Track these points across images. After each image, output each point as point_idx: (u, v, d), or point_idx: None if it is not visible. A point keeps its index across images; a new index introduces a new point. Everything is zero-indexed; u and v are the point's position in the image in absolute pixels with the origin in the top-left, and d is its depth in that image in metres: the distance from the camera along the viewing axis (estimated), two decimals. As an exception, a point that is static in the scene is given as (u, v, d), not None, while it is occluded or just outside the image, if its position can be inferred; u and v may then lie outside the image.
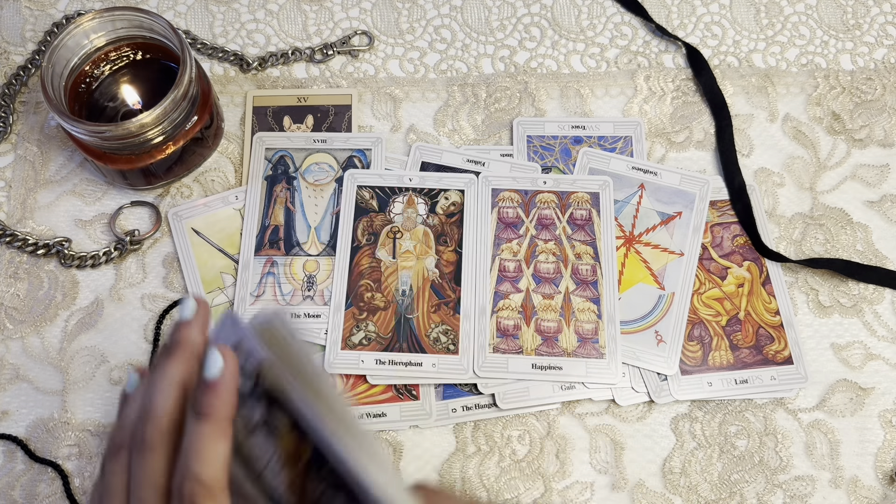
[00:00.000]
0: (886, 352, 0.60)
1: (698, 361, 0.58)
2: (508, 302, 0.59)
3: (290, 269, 0.60)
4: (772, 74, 0.69)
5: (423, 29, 0.70)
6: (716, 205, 0.64)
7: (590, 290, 0.60)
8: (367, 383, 0.57)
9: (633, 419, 0.58)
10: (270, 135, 0.64)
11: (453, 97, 0.67)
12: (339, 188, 0.63)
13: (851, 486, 0.57)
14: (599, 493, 0.56)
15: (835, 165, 0.66)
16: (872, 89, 0.68)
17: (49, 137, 0.64)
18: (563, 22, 0.71)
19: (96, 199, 0.63)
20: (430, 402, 0.57)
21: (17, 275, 0.60)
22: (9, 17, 0.69)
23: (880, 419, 0.58)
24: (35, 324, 0.59)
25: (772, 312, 0.60)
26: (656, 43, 0.70)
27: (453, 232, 0.61)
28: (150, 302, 0.60)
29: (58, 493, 0.55)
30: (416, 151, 0.64)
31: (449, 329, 0.58)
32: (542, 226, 0.62)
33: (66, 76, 0.58)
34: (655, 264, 0.61)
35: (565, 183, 0.63)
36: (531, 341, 0.58)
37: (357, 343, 0.58)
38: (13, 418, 0.57)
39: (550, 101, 0.67)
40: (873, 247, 0.63)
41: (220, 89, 0.67)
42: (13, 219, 0.62)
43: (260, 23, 0.70)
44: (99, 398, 0.57)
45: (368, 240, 0.61)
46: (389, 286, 0.59)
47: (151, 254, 0.61)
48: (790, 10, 0.72)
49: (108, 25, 0.59)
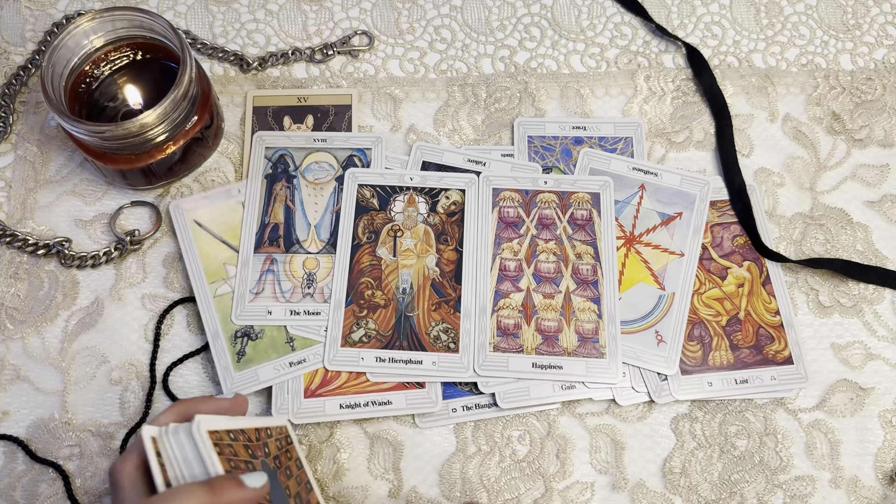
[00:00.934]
0: (886, 352, 0.60)
1: (698, 361, 0.58)
2: (509, 301, 0.59)
3: (289, 266, 0.60)
4: (772, 74, 0.69)
5: (423, 29, 0.70)
6: (716, 205, 0.64)
7: (590, 290, 0.60)
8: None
9: (634, 419, 0.58)
10: (271, 134, 0.65)
11: (453, 97, 0.67)
12: (339, 187, 0.63)
13: (851, 486, 0.57)
14: (600, 493, 0.56)
15: (835, 165, 0.66)
16: (872, 89, 0.68)
17: (49, 137, 0.64)
18: (563, 22, 0.71)
19: (96, 199, 0.63)
20: (437, 391, 0.57)
21: (17, 275, 0.60)
22: (9, 17, 0.69)
23: (880, 419, 0.58)
24: (35, 324, 0.59)
25: (772, 312, 0.60)
26: (656, 43, 0.70)
27: (454, 231, 0.61)
28: (150, 302, 0.60)
29: (59, 493, 0.55)
30: (416, 151, 0.64)
31: (449, 327, 0.58)
32: (542, 225, 0.62)
33: (66, 76, 0.58)
34: (656, 264, 0.61)
35: (566, 183, 0.63)
36: (531, 340, 0.58)
37: (357, 340, 0.58)
38: (14, 419, 0.57)
39: (550, 101, 0.67)
40: (873, 247, 0.63)
41: (220, 89, 0.67)
42: (13, 219, 0.62)
43: (260, 23, 0.70)
44: (99, 398, 0.57)
45: (369, 238, 0.61)
46: (390, 284, 0.59)
47: (151, 254, 0.61)
48: (790, 10, 0.72)
49: (108, 25, 0.59)
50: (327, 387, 0.57)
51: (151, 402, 0.57)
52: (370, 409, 0.57)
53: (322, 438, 0.56)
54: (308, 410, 0.56)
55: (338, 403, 0.57)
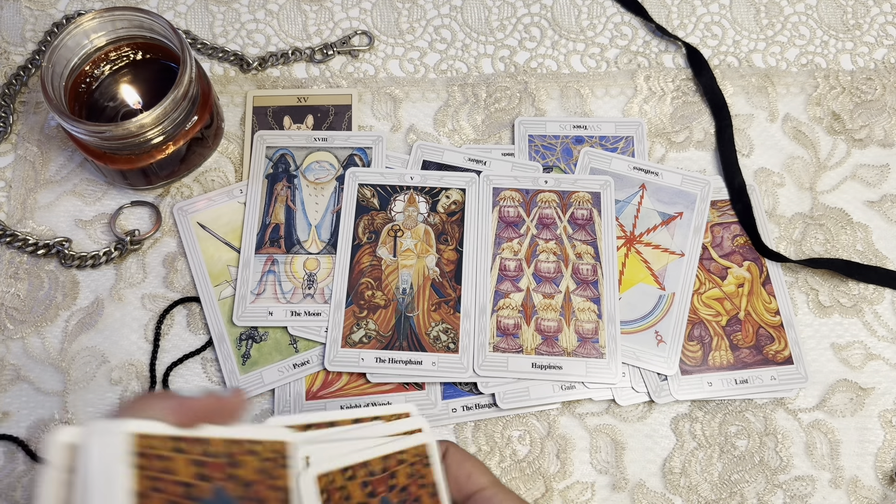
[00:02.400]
0: (886, 352, 0.60)
1: (698, 361, 0.58)
2: (509, 301, 0.59)
3: (290, 267, 0.60)
4: (772, 74, 0.69)
5: (423, 29, 0.70)
6: (716, 205, 0.64)
7: (590, 290, 0.60)
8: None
9: (634, 419, 0.58)
10: (271, 133, 0.64)
11: (453, 97, 0.67)
12: (339, 186, 0.63)
13: (851, 486, 0.57)
14: (600, 494, 0.56)
15: (835, 165, 0.66)
16: (872, 89, 0.68)
17: (49, 137, 0.64)
18: (563, 22, 0.71)
19: (96, 199, 0.63)
20: (436, 392, 0.57)
21: (17, 275, 0.60)
22: (9, 17, 0.69)
23: (880, 419, 0.58)
24: (35, 324, 0.59)
25: (772, 312, 0.60)
26: (656, 43, 0.70)
27: (454, 231, 0.61)
28: (150, 302, 0.60)
29: (58, 493, 0.55)
30: (417, 150, 0.64)
31: (449, 328, 0.58)
32: (542, 225, 0.62)
33: (66, 76, 0.58)
34: (656, 264, 0.61)
35: (566, 182, 0.63)
36: (531, 340, 0.58)
37: (357, 341, 0.58)
38: (14, 419, 0.57)
39: (550, 101, 0.67)
40: (873, 247, 0.63)
41: (220, 89, 0.67)
42: (13, 219, 0.62)
43: (260, 23, 0.70)
44: (100, 398, 0.57)
45: (369, 238, 0.61)
46: (390, 284, 0.59)
47: (152, 254, 0.61)
48: (790, 10, 0.72)
49: (108, 25, 0.59)
50: (328, 389, 0.57)
51: (151, 403, 0.57)
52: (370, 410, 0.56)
53: (322, 438, 0.56)
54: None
55: (338, 406, 0.57)
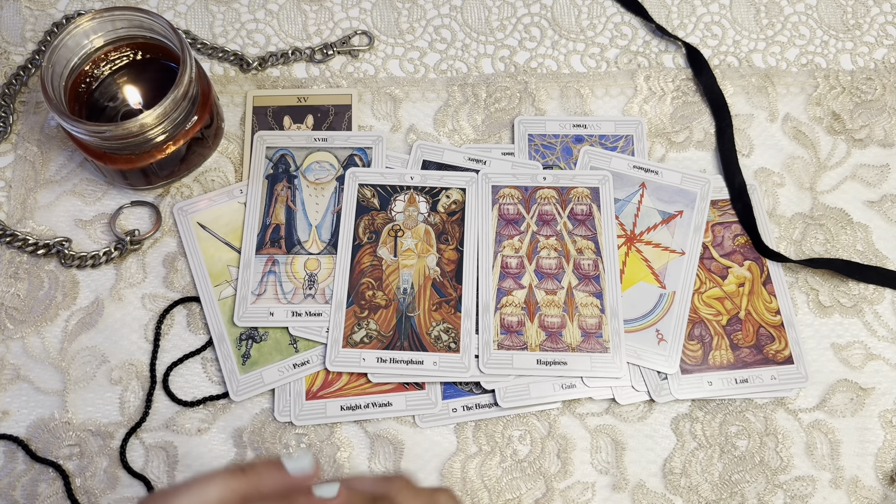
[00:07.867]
0: (887, 352, 0.60)
1: (699, 360, 0.58)
2: (511, 298, 0.59)
3: (291, 267, 0.60)
4: (772, 74, 0.69)
5: (423, 29, 0.70)
6: (717, 204, 0.64)
7: (592, 285, 0.60)
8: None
9: (634, 419, 0.58)
10: (271, 133, 0.64)
11: (453, 97, 0.67)
12: (339, 186, 0.63)
13: (852, 486, 0.57)
14: (601, 494, 0.56)
15: (835, 165, 0.66)
16: (872, 89, 0.68)
17: (49, 137, 0.64)
18: (563, 22, 0.71)
19: (96, 199, 0.63)
20: (436, 392, 0.57)
21: (17, 275, 0.60)
22: (9, 17, 0.69)
23: (880, 419, 0.58)
24: (35, 324, 0.59)
25: (772, 312, 0.60)
26: (656, 43, 0.70)
27: (454, 230, 0.61)
28: (150, 302, 0.60)
29: (59, 493, 0.55)
30: (417, 149, 0.64)
31: (450, 327, 0.58)
32: (542, 221, 0.62)
33: (66, 76, 0.58)
34: (656, 263, 0.61)
35: (565, 178, 0.63)
36: (535, 337, 0.58)
37: (358, 341, 0.58)
38: (14, 418, 0.57)
39: (550, 101, 0.67)
40: (873, 247, 0.63)
41: (220, 89, 0.67)
42: (13, 219, 0.62)
43: (260, 23, 0.70)
44: (99, 398, 0.57)
45: (370, 238, 0.61)
46: (391, 284, 0.59)
47: (151, 254, 0.61)
48: (790, 10, 0.72)
49: (107, 25, 0.59)
50: (328, 388, 0.57)
51: (151, 402, 0.57)
52: (371, 411, 0.57)
53: (322, 437, 0.56)
54: (309, 412, 0.56)
55: (339, 405, 0.57)
